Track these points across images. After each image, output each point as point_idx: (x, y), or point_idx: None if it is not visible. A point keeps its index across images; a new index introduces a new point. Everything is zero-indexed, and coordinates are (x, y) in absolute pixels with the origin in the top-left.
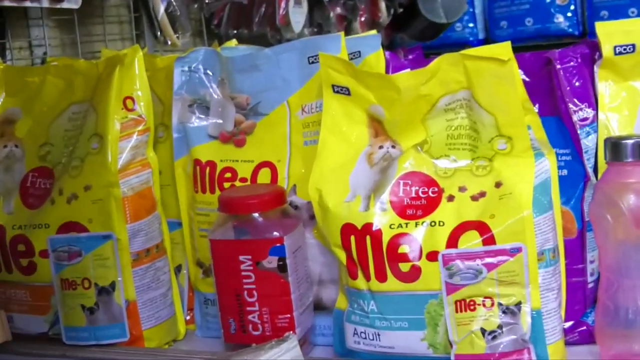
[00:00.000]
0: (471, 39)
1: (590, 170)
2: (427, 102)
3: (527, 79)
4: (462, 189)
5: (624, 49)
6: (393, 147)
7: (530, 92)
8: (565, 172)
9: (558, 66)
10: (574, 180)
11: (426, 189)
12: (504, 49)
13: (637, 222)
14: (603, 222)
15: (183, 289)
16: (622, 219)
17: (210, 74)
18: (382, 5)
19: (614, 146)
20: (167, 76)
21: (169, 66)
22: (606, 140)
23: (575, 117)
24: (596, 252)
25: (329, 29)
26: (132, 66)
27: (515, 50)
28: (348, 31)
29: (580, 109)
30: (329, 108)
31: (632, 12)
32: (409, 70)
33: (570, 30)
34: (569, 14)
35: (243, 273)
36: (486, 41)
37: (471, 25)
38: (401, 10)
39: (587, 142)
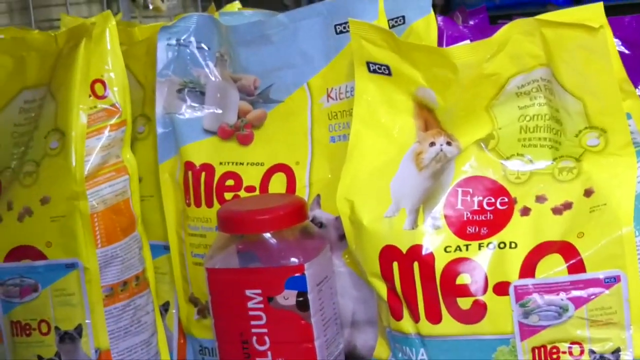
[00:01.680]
0: None
1: None
2: (493, 83)
3: (626, 52)
4: (540, 199)
5: None
6: (449, 144)
7: (631, 69)
8: None
9: None
10: None
11: (493, 200)
12: (595, 12)
13: None
14: None
15: (172, 334)
16: None
17: (206, 48)
18: None
19: None
20: (149, 52)
21: (150, 38)
22: None
23: None
24: None
25: None
26: (102, 39)
27: (614, 10)
28: None
29: None
30: (363, 93)
31: None
32: (468, 41)
33: None
34: None
35: (251, 312)
36: (577, 1)
37: None
38: None
39: None
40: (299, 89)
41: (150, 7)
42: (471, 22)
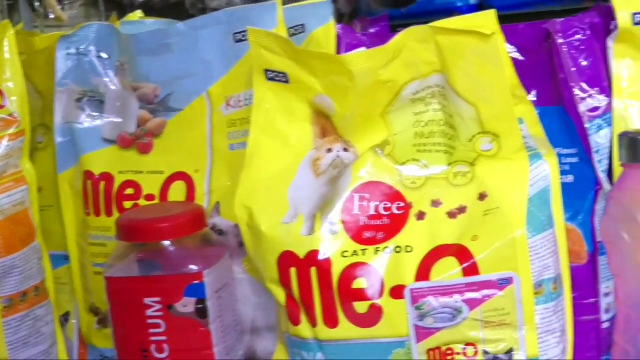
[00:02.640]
0: (460, 4)
1: (603, 176)
2: (389, 90)
3: (520, 58)
4: (435, 203)
5: None
6: (345, 150)
7: (525, 75)
8: (570, 178)
9: (560, 40)
10: (582, 188)
11: (389, 205)
12: (487, 19)
13: None
14: (619, 243)
15: (72, 344)
16: None
17: (106, 57)
18: None
19: (632, 143)
20: (49, 61)
21: (50, 48)
22: (621, 136)
23: (582, 107)
24: (612, 282)
25: None
26: (0, 49)
27: (516, 19)
28: None
29: (590, 96)
30: (261, 100)
31: None
32: (364, 49)
33: None
34: None
35: (150, 321)
36: (480, 7)
37: None
38: None
39: (599, 138)
40: (198, 98)
41: (51, 16)
42: (372, 30)
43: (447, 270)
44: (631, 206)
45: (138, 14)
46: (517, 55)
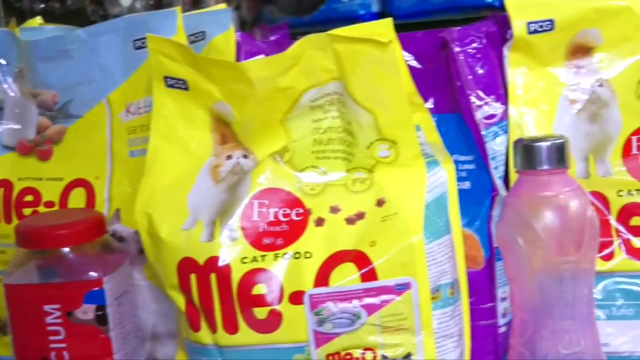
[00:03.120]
0: (362, 12)
1: (499, 182)
2: (288, 97)
3: (418, 66)
4: (334, 210)
5: (540, 27)
6: (245, 157)
7: (422, 83)
8: (467, 184)
9: (457, 49)
10: (479, 195)
11: (288, 211)
12: (384, 27)
13: (558, 247)
14: (514, 248)
15: None
16: (538, 244)
17: (4, 63)
18: None
19: (526, 150)
20: None
21: None
22: (516, 143)
23: (479, 114)
24: (508, 287)
25: (170, 0)
26: None
27: (420, 28)
28: (197, 3)
29: (486, 104)
30: (160, 107)
31: None
32: (263, 56)
33: (490, 0)
34: None
35: (50, 328)
36: (382, 15)
37: None
38: None
39: (495, 145)
40: (98, 104)
41: None
42: (272, 38)
43: (346, 276)
44: (526, 212)
45: (38, 20)
46: (415, 63)
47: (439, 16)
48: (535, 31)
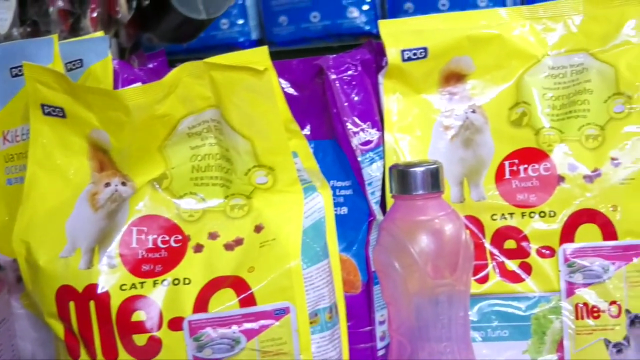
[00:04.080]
0: (241, 39)
1: (375, 207)
2: (165, 125)
3: (294, 93)
4: (212, 236)
5: (414, 54)
6: (123, 184)
7: (299, 110)
8: (344, 210)
9: (332, 76)
10: (357, 220)
11: (167, 238)
12: (260, 55)
13: (433, 270)
14: (391, 272)
15: None
16: (414, 267)
17: None
18: None
19: (401, 176)
20: None
21: None
22: (391, 169)
23: (355, 141)
24: (386, 310)
25: (48, 28)
26: None
27: (298, 54)
28: (76, 31)
29: (362, 130)
30: (38, 135)
31: (443, 6)
32: (140, 84)
33: (368, 27)
34: (365, 7)
35: None
36: (261, 42)
37: (241, 21)
38: (147, 2)
39: (371, 171)
40: None
41: None
42: (149, 65)
43: (225, 302)
44: (402, 236)
45: None
46: (291, 90)
47: (317, 43)
48: (409, 59)
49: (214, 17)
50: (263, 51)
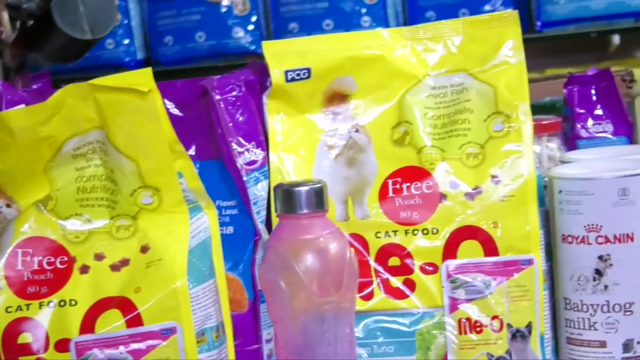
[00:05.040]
0: (127, 59)
1: (261, 226)
2: (50, 146)
3: (179, 114)
4: (98, 257)
5: (297, 75)
6: (8, 205)
7: (184, 130)
8: (230, 229)
9: (217, 97)
10: (242, 239)
11: (53, 259)
12: (144, 77)
13: (319, 288)
14: (277, 291)
15: None
16: (300, 286)
17: None
18: (4, 15)
19: (286, 195)
20: None
21: None
22: (276, 189)
23: (240, 160)
24: (273, 328)
25: None
26: None
27: (184, 74)
28: None
29: (247, 150)
30: None
31: (328, 25)
32: (24, 105)
33: (253, 47)
34: (250, 27)
35: None
36: (147, 62)
37: (127, 41)
38: (32, 22)
39: (257, 190)
40: None
41: None
42: (34, 87)
43: (111, 322)
44: (287, 255)
45: None
46: (176, 111)
47: (203, 63)
48: (293, 79)
49: (100, 37)
50: (147, 73)
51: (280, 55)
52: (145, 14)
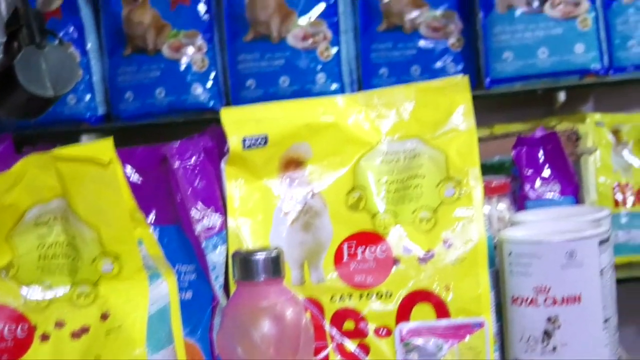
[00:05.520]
0: (88, 114)
1: (219, 292)
2: (12, 214)
3: (140, 180)
4: (59, 325)
5: (255, 142)
6: None
7: (144, 196)
8: (189, 294)
9: (176, 164)
10: (201, 304)
11: (13, 327)
12: (105, 147)
13: (275, 354)
14: (234, 356)
15: None
16: (256, 352)
17: None
18: None
19: (243, 262)
20: None
21: None
22: (234, 256)
23: (199, 226)
24: None
25: None
26: None
27: (144, 129)
28: None
29: (205, 216)
30: None
31: (284, 82)
32: None
33: (212, 103)
34: (209, 84)
35: None
36: (108, 117)
37: (88, 97)
38: None
39: (215, 256)
40: None
41: None
42: None
43: None
44: (244, 321)
45: None
46: (136, 177)
47: (163, 118)
48: (250, 146)
49: (62, 94)
50: (108, 143)
51: (238, 122)
52: (106, 69)
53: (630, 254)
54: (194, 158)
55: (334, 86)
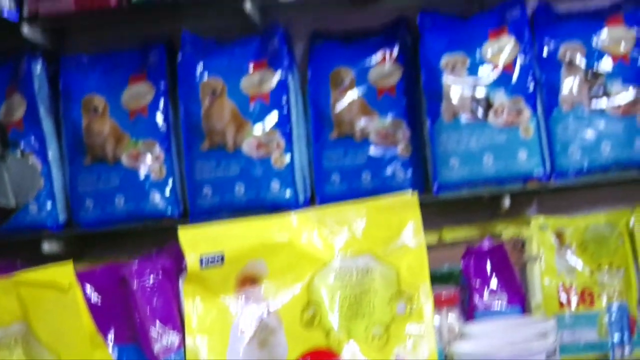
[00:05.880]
0: (49, 222)
1: None
2: None
3: (99, 299)
4: None
5: (211, 261)
6: None
7: (103, 315)
8: None
9: (135, 283)
10: None
11: None
12: (65, 272)
13: None
14: None
15: None
16: None
17: None
18: None
19: None
20: None
21: None
22: None
23: (157, 346)
24: None
25: None
26: None
27: (105, 235)
28: None
29: (164, 334)
30: None
31: (239, 190)
32: None
33: (169, 211)
34: (167, 192)
35: None
36: (69, 224)
37: (50, 204)
38: None
39: None
40: None
41: None
42: None
43: None
44: None
45: None
46: (96, 297)
47: (122, 226)
48: (208, 264)
49: (23, 204)
50: (68, 268)
51: (195, 240)
52: (67, 178)
53: (574, 354)
54: (152, 277)
55: (288, 193)
